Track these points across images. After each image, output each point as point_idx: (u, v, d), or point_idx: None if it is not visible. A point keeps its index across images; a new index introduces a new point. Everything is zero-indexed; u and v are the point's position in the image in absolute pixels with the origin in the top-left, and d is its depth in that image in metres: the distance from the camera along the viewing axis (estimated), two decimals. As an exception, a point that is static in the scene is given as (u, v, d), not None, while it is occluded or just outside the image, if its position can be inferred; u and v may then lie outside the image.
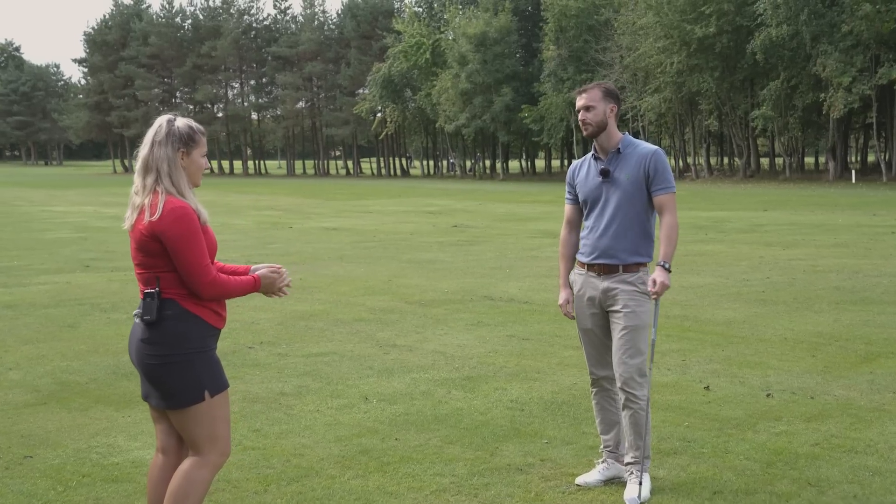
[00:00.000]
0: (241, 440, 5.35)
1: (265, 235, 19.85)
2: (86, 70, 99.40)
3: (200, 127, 3.60)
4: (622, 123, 54.47)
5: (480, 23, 59.14)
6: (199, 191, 3.69)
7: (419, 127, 75.57)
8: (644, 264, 4.61)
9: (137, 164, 3.51)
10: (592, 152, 4.75)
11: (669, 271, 4.46)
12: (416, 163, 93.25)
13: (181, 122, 3.52)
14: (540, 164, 79.62)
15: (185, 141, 3.48)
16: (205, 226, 3.48)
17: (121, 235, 19.45)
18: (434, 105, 64.58)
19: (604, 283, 4.60)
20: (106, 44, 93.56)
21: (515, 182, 60.00)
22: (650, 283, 4.44)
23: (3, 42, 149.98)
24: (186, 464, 3.51)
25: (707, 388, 6.39)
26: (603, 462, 4.75)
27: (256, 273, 3.65)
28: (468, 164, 73.44)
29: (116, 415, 5.89)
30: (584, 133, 4.66)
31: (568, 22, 54.22)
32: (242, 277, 3.59)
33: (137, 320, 3.46)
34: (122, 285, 11.80)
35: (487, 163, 73.69)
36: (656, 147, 4.67)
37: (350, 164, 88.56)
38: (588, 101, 4.63)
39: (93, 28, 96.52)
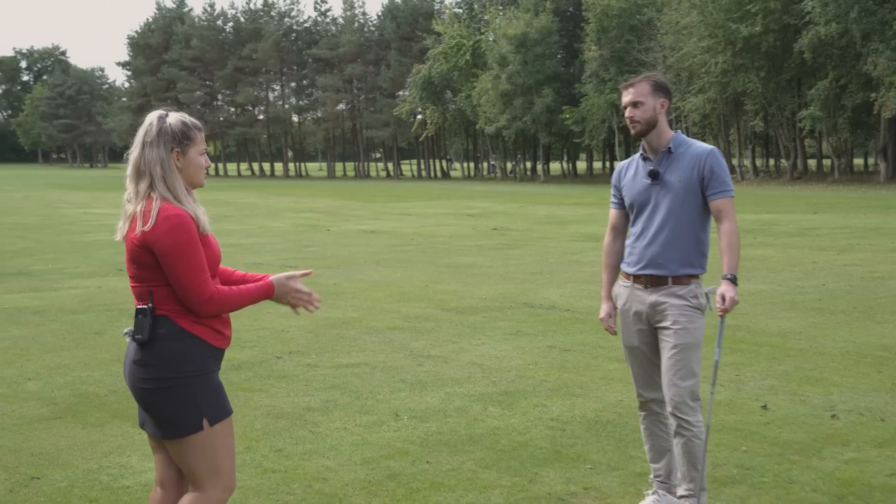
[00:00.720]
0: (262, 461, 4.99)
1: (302, 238, 19.57)
2: (129, 73, 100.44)
3: (196, 121, 3.21)
4: (665, 124, 53.80)
5: (521, 23, 58.58)
6: (235, 192, 3.34)
7: (459, 129, 75.15)
8: (696, 276, 4.17)
9: (128, 168, 3.14)
10: (640, 152, 4.32)
11: (736, 283, 4.01)
12: (457, 165, 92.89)
13: (173, 118, 3.14)
14: (581, 165, 78.88)
15: (179, 139, 3.10)
16: (205, 235, 3.11)
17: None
18: (474, 106, 64.10)
19: (651, 297, 4.16)
20: (149, 47, 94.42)
21: (556, 184, 59.36)
22: (718, 298, 4.00)
23: (50, 46, 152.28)
24: (186, 499, 3.14)
25: (764, 407, 5.92)
26: (653, 493, 4.31)
27: (271, 278, 3.27)
28: (508, 165, 72.91)
29: (132, 431, 5.56)
30: (633, 131, 4.23)
31: (610, 22, 53.49)
32: (250, 285, 3.20)
33: (129, 339, 3.10)
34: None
35: (528, 164, 73.10)
36: (712, 146, 4.22)
37: (390, 166, 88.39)
38: (636, 96, 4.20)
39: (136, 31, 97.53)
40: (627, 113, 4.22)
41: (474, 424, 5.66)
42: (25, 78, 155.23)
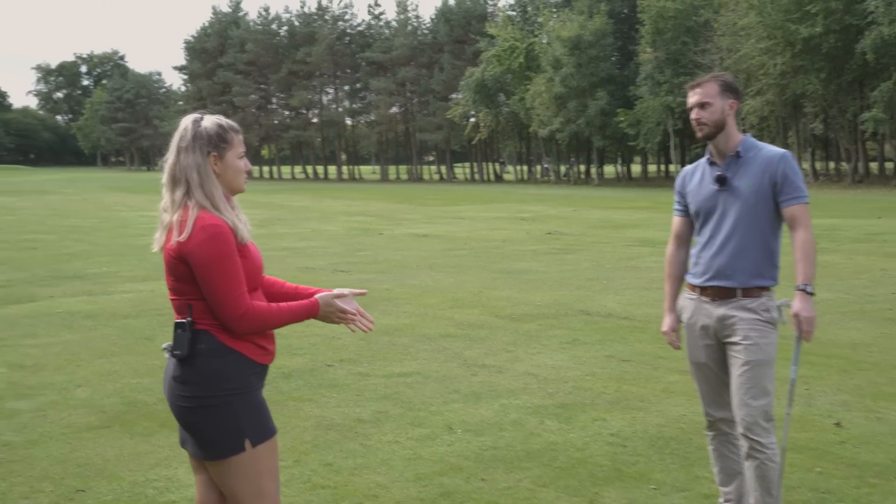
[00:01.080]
0: (311, 476, 4.82)
1: (355, 242, 19.49)
2: (186, 77, 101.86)
3: (233, 123, 3.04)
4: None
5: (575, 25, 58.11)
6: (288, 195, 3.18)
7: (512, 132, 74.79)
8: (768, 288, 3.90)
9: (164, 176, 2.99)
10: (707, 156, 4.07)
11: (812, 295, 3.75)
12: (509, 168, 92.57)
13: (209, 121, 2.98)
14: (636, 168, 78.08)
15: (216, 142, 2.94)
16: (244, 245, 2.94)
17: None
18: (527, 109, 63.77)
19: (719, 310, 3.91)
20: (205, 51, 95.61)
21: (611, 187, 58.75)
22: (793, 320, 3.75)
23: (110, 51, 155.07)
24: (228, 523, 2.98)
25: (838, 424, 5.61)
26: (723, 519, 4.06)
27: (317, 296, 3.10)
28: (562, 169, 72.42)
29: (180, 441, 5.44)
30: (699, 134, 3.98)
31: (665, 24, 52.77)
32: (292, 303, 3.01)
33: (168, 355, 2.94)
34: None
35: (582, 168, 72.52)
36: (784, 150, 3.96)
37: (443, 169, 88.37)
38: (703, 96, 3.95)
39: (193, 36, 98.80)
40: (694, 115, 3.97)
41: (531, 439, 5.44)
42: (86, 82, 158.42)
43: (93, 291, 11.85)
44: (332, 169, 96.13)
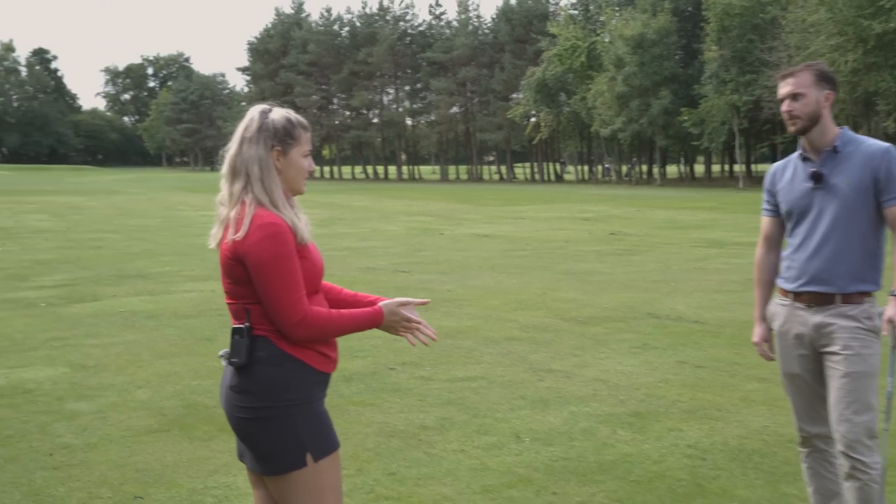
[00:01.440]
0: (374, 486, 4.62)
1: (415, 242, 19.33)
2: (248, 78, 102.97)
3: (302, 120, 2.85)
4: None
5: (638, 24, 57.34)
6: (348, 195, 3.01)
7: (573, 131, 74.14)
8: (869, 293, 3.59)
9: (224, 167, 2.81)
10: (799, 151, 3.76)
11: None
12: (570, 168, 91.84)
13: (278, 114, 2.80)
14: (699, 168, 76.83)
15: (281, 137, 2.76)
16: (304, 246, 2.74)
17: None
18: (589, 109, 63.12)
19: (815, 318, 3.61)
20: (268, 52, 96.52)
21: (674, 187, 57.86)
22: (885, 322, 3.44)
23: (175, 53, 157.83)
24: (288, 542, 2.77)
25: (934, 439, 5.24)
26: (818, 543, 3.76)
27: (381, 304, 2.89)
28: (623, 169, 71.61)
29: (240, 446, 5.28)
30: (791, 128, 3.68)
31: (731, 21, 51.70)
32: (355, 311, 2.81)
33: (225, 363, 2.76)
34: (266, 294, 11.41)
35: (644, 167, 71.60)
36: (888, 145, 3.64)
37: (503, 169, 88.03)
38: (796, 87, 3.64)
39: (256, 38, 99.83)
40: (785, 106, 3.67)
41: (603, 450, 5.17)
42: (152, 84, 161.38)
43: (155, 291, 11.85)
44: (392, 169, 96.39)
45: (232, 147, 2.79)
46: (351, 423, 5.73)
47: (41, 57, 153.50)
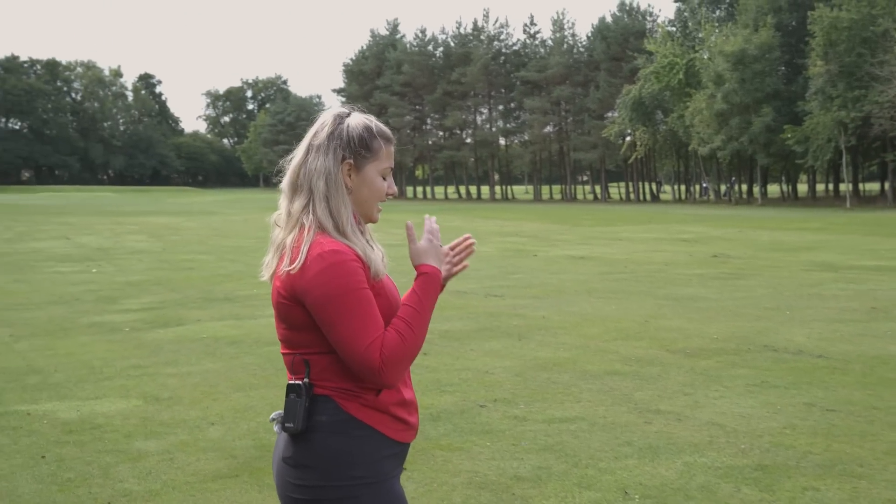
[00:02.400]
0: (460, 552, 4.02)
1: (508, 264, 18.71)
2: (343, 99, 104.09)
3: (384, 129, 2.31)
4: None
5: (739, 39, 55.75)
6: (441, 215, 2.52)
7: (670, 150, 72.63)
8: None
9: (284, 181, 2.30)
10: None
11: None
12: (666, 187, 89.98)
13: (356, 120, 2.27)
14: (801, 187, 74.30)
15: (355, 148, 2.24)
16: (378, 280, 2.18)
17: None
18: (687, 127, 61.70)
19: None
20: (362, 73, 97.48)
21: (775, 207, 55.89)
22: None
23: (273, 76, 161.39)
24: None
25: None
26: None
27: (422, 265, 2.26)
28: (722, 188, 69.68)
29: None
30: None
31: (839, 35, 49.76)
32: (414, 298, 2.20)
33: (277, 428, 2.21)
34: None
35: (743, 187, 69.55)
36: None
37: (597, 188, 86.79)
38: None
39: (351, 59, 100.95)
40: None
41: (726, 513, 4.47)
42: (250, 106, 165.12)
43: (240, 315, 11.51)
44: (484, 189, 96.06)
45: (296, 156, 2.28)
46: (437, 471, 5.14)
47: (146, 82, 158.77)
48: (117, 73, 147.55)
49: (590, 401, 6.80)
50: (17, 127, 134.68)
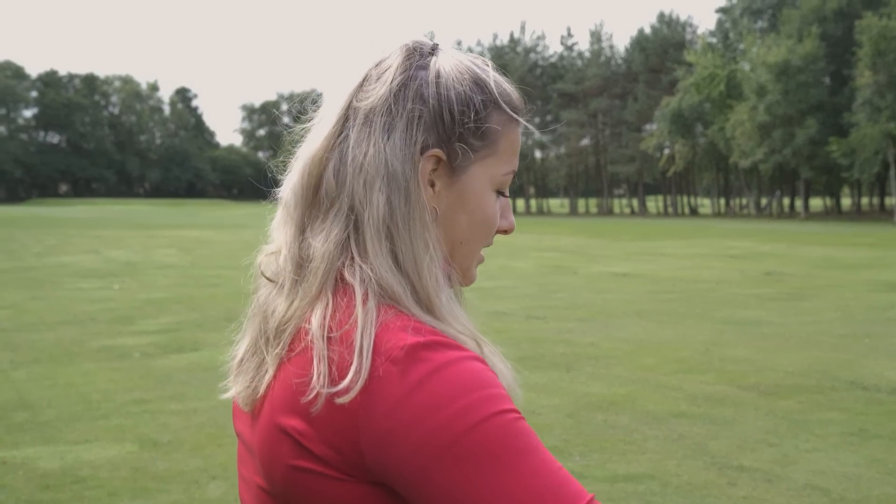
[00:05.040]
0: None
1: (548, 282, 17.67)
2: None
3: (514, 93, 1.14)
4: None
5: (782, 50, 54.39)
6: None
7: (710, 163, 71.21)
8: None
9: (287, 184, 1.13)
10: None
11: None
12: (705, 201, 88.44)
13: (453, 67, 1.05)
14: (845, 201, 72.51)
15: (455, 126, 1.03)
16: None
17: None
18: (727, 139, 60.33)
19: None
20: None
21: (820, 221, 54.30)
22: None
23: (309, 90, 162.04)
24: None
25: None
26: None
27: None
28: (763, 201, 68.14)
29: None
30: None
31: (888, 44, 48.27)
32: None
33: None
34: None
35: (785, 201, 67.94)
36: None
37: (634, 202, 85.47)
38: None
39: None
40: None
41: None
42: (285, 120, 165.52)
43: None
44: (520, 202, 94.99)
45: (317, 134, 1.08)
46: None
47: (183, 95, 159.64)
48: (154, 87, 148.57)
49: (657, 452, 5.78)
50: (55, 141, 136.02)
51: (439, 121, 1.02)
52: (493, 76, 1.08)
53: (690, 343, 9.97)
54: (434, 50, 1.07)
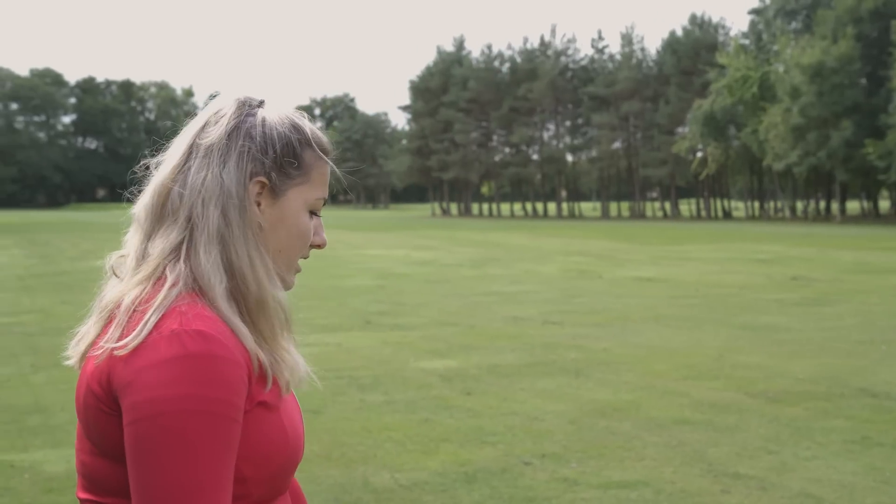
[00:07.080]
0: None
1: (570, 286, 17.65)
2: (409, 116, 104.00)
3: (323, 137, 1.42)
4: None
5: (817, 51, 53.77)
6: (505, 233, 3.34)
7: (743, 166, 70.56)
8: None
9: (140, 202, 1.36)
10: None
11: None
12: (739, 204, 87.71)
13: (276, 115, 1.36)
14: (883, 204, 71.54)
15: (278, 160, 1.33)
16: (277, 398, 1.29)
17: (416, 284, 18.16)
18: (761, 142, 59.76)
19: None
20: (428, 90, 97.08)
21: (856, 225, 53.62)
22: None
23: (341, 94, 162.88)
24: None
25: None
26: None
27: None
28: (798, 205, 67.45)
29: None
30: None
31: (925, 45, 47.64)
32: None
33: None
34: (394, 350, 10.06)
35: (821, 204, 67.18)
36: None
37: (667, 205, 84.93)
38: None
39: (417, 77, 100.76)
40: None
41: None
42: (318, 124, 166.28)
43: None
44: (551, 206, 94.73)
45: (166, 161, 1.34)
46: (462, 558, 4.20)
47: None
48: (189, 93, 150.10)
49: (654, 458, 5.78)
50: (93, 146, 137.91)
51: (264, 154, 1.31)
52: (307, 124, 1.39)
53: (704, 349, 9.93)
54: (261, 104, 1.37)
